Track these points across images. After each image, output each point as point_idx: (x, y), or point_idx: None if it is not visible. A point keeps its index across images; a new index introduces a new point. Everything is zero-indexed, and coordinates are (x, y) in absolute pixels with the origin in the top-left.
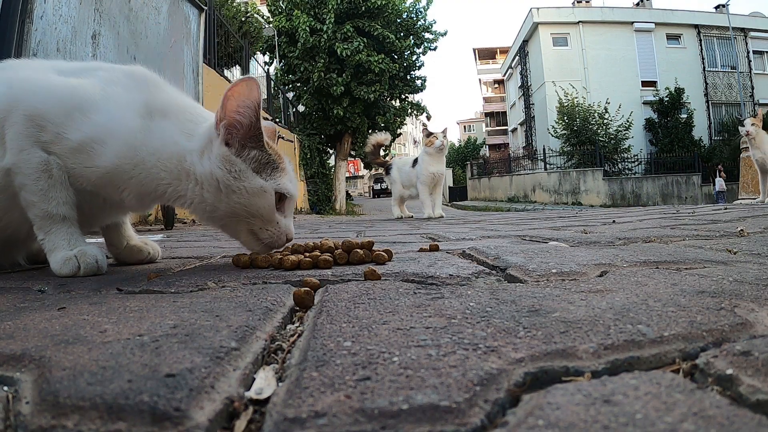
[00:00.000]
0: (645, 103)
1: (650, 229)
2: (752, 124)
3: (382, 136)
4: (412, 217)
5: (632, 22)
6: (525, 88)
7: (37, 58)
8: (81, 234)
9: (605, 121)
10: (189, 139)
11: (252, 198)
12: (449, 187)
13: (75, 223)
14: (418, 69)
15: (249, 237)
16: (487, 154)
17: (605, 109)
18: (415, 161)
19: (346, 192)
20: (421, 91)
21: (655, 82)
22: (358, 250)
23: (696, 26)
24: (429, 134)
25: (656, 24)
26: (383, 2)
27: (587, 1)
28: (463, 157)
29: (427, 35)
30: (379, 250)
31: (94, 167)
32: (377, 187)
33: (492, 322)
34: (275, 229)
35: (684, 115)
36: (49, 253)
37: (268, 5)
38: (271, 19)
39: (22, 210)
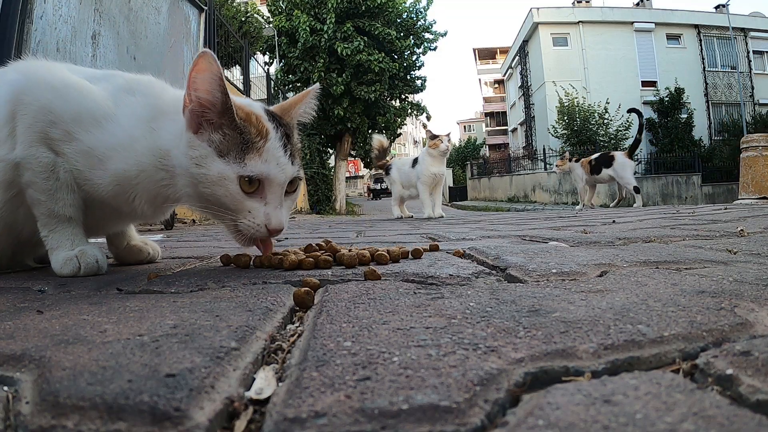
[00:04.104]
0: (645, 103)
1: (650, 229)
2: (557, 166)
3: (384, 139)
4: (412, 217)
5: (632, 22)
6: (525, 88)
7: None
8: (84, 235)
9: (605, 121)
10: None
11: (213, 187)
12: (449, 187)
13: (80, 224)
14: (418, 69)
15: (232, 229)
16: (487, 154)
17: (605, 109)
18: (415, 161)
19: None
20: (421, 91)
21: (655, 82)
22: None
23: (696, 26)
24: (434, 137)
25: (656, 24)
26: (383, 1)
27: (587, 1)
28: (463, 157)
29: (427, 35)
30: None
31: (104, 171)
32: (377, 187)
33: (492, 322)
34: (249, 220)
35: (684, 115)
36: (50, 251)
37: (268, 5)
38: (271, 19)
39: (27, 209)
